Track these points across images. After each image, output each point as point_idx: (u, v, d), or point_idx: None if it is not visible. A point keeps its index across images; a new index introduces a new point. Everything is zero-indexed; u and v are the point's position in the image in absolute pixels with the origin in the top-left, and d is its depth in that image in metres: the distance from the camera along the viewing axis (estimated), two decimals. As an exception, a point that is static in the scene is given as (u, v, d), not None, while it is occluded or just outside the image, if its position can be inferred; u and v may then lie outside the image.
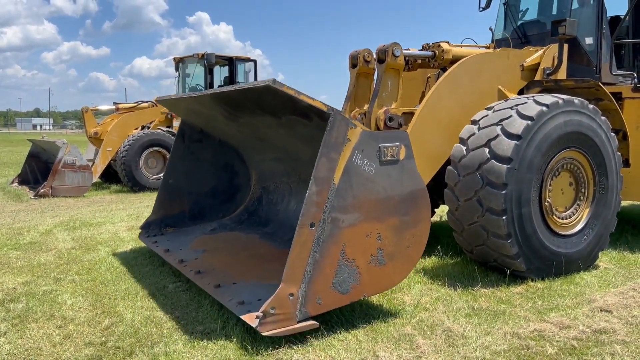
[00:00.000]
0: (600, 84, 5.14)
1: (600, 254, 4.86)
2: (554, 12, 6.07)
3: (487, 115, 4.49)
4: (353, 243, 3.17)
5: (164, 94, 5.35)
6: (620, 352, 3.06)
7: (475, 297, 3.98)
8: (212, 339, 3.20)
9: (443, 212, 5.73)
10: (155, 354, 3.02)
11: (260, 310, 2.96)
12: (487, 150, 4.21)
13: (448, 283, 4.29)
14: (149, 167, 11.22)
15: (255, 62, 13.33)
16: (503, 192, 4.07)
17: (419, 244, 3.44)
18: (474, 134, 4.41)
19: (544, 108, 4.27)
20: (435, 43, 5.41)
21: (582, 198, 4.70)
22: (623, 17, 5.87)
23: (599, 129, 4.62)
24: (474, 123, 4.52)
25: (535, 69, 5.38)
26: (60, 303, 3.88)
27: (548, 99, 4.37)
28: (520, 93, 5.31)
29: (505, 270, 4.33)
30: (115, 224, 7.10)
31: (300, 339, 3.14)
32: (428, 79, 6.17)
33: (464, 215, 4.36)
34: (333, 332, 3.26)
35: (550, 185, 4.45)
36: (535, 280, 4.29)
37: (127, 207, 8.88)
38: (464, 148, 4.40)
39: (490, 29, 6.64)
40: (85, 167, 10.24)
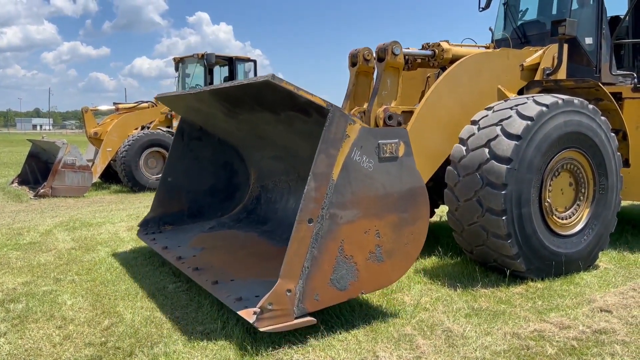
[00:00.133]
0: (600, 84, 5.14)
1: (600, 254, 4.86)
2: (554, 12, 6.07)
3: (486, 116, 4.49)
4: (351, 240, 3.16)
5: (164, 94, 5.35)
6: (620, 352, 3.06)
7: (475, 297, 3.98)
8: (212, 339, 3.20)
9: (443, 212, 5.73)
10: (155, 354, 3.02)
11: (258, 306, 2.95)
12: (487, 151, 4.22)
13: (448, 283, 4.29)
14: (149, 167, 11.21)
15: (255, 62, 13.35)
16: (503, 192, 4.07)
17: (418, 242, 3.44)
18: (474, 134, 4.41)
19: (544, 108, 4.27)
20: (435, 42, 5.42)
21: (582, 198, 4.70)
22: (623, 17, 5.87)
23: (599, 129, 4.62)
24: (474, 123, 4.52)
25: (535, 69, 5.38)
26: (60, 303, 3.88)
27: (548, 99, 4.38)
28: (520, 93, 5.31)
29: (505, 271, 4.33)
30: (115, 224, 7.10)
31: (300, 339, 3.14)
32: (428, 79, 6.17)
33: (464, 216, 4.36)
34: (333, 332, 3.26)
35: (550, 186, 4.45)
36: (535, 281, 4.29)
37: (127, 207, 8.88)
38: (464, 148, 4.40)
39: (490, 29, 6.64)
40: (85, 167, 10.24)
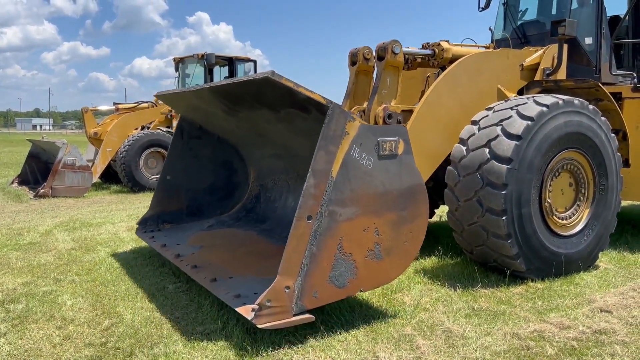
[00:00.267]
0: (600, 84, 5.14)
1: (600, 255, 4.86)
2: (554, 12, 6.07)
3: (487, 116, 4.49)
4: (350, 237, 3.15)
5: (164, 95, 5.35)
6: (620, 352, 3.06)
7: (475, 297, 3.98)
8: (212, 340, 3.20)
9: (443, 212, 5.73)
10: (155, 355, 3.02)
11: (256, 303, 2.93)
12: (487, 151, 4.22)
13: (448, 283, 4.29)
14: (149, 167, 11.21)
15: (255, 62, 13.35)
16: (503, 192, 4.07)
17: (417, 240, 3.43)
18: (474, 134, 4.41)
19: (544, 108, 4.27)
20: (435, 42, 5.42)
21: (582, 198, 4.70)
22: (623, 17, 5.87)
23: (599, 130, 4.62)
24: (474, 123, 4.52)
25: (535, 69, 5.38)
26: (60, 304, 3.88)
27: (548, 100, 4.38)
28: (520, 93, 5.31)
29: (505, 271, 4.33)
30: (115, 225, 7.10)
31: (300, 340, 3.15)
32: (427, 78, 6.17)
33: (464, 216, 4.36)
34: (333, 332, 3.26)
35: (550, 186, 4.45)
36: (535, 281, 4.29)
37: (127, 207, 8.88)
38: (464, 148, 4.40)
39: (490, 29, 6.64)
40: (85, 167, 10.24)
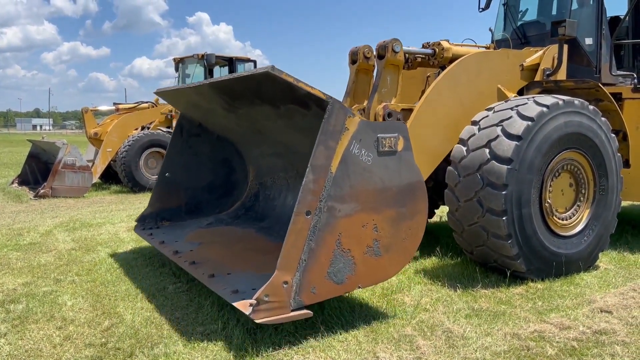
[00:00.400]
0: (600, 85, 5.14)
1: (600, 255, 4.86)
2: (554, 12, 6.07)
3: (487, 116, 4.49)
4: (349, 233, 3.15)
5: (164, 95, 5.35)
6: (621, 352, 3.06)
7: (476, 297, 3.98)
8: (212, 340, 3.20)
9: (443, 212, 5.73)
10: (156, 355, 3.02)
11: (254, 298, 2.92)
12: (487, 151, 4.22)
13: (448, 284, 4.29)
14: (149, 167, 11.21)
15: (255, 62, 13.37)
16: (503, 192, 4.07)
17: (416, 237, 3.42)
18: (474, 135, 4.41)
19: (544, 109, 4.27)
20: (436, 42, 5.42)
21: (582, 199, 4.70)
22: (623, 17, 5.87)
23: (599, 130, 4.62)
24: (474, 124, 4.52)
25: (535, 70, 5.38)
26: (61, 304, 3.88)
27: (548, 100, 4.38)
28: (520, 93, 5.31)
29: (506, 271, 4.33)
30: (115, 225, 7.10)
31: (300, 340, 3.15)
32: (428, 78, 6.17)
33: (464, 216, 4.36)
34: (333, 333, 3.26)
35: (551, 186, 4.45)
36: (536, 281, 4.29)
37: (127, 207, 8.88)
38: (464, 149, 4.40)
39: (490, 30, 6.64)
40: (85, 167, 10.24)
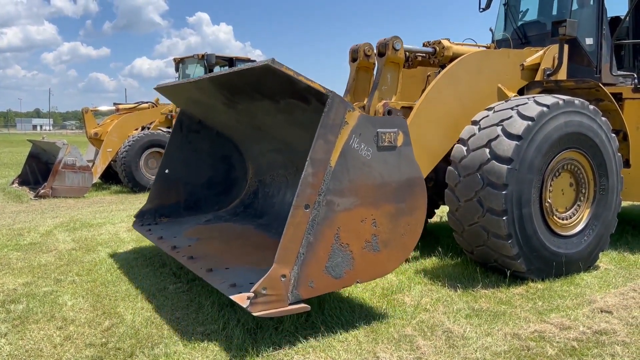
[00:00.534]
0: (601, 85, 5.14)
1: (601, 255, 4.86)
2: (554, 12, 6.07)
3: (487, 116, 4.49)
4: (348, 227, 3.13)
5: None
6: (621, 353, 3.06)
7: (476, 297, 3.98)
8: (212, 340, 3.20)
9: (443, 212, 5.73)
10: (156, 355, 3.02)
11: (252, 290, 2.91)
12: (487, 151, 4.21)
13: (448, 284, 4.29)
14: (149, 167, 11.21)
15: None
16: (503, 192, 4.07)
17: (414, 232, 3.41)
18: (475, 135, 4.41)
19: (545, 109, 4.27)
20: (436, 40, 5.42)
21: (582, 199, 4.70)
22: (623, 17, 5.87)
23: (600, 130, 4.62)
24: (475, 123, 4.52)
25: (536, 69, 5.38)
26: (61, 304, 3.88)
27: (549, 100, 4.38)
28: (520, 93, 5.31)
29: (506, 271, 4.33)
30: (116, 225, 7.10)
31: (301, 340, 3.15)
32: (428, 77, 6.17)
33: (465, 216, 4.36)
34: (333, 333, 3.26)
35: (551, 186, 4.45)
36: (536, 281, 4.29)
37: (127, 207, 8.88)
38: (465, 148, 4.40)
39: (491, 30, 6.64)
40: (86, 167, 10.24)
